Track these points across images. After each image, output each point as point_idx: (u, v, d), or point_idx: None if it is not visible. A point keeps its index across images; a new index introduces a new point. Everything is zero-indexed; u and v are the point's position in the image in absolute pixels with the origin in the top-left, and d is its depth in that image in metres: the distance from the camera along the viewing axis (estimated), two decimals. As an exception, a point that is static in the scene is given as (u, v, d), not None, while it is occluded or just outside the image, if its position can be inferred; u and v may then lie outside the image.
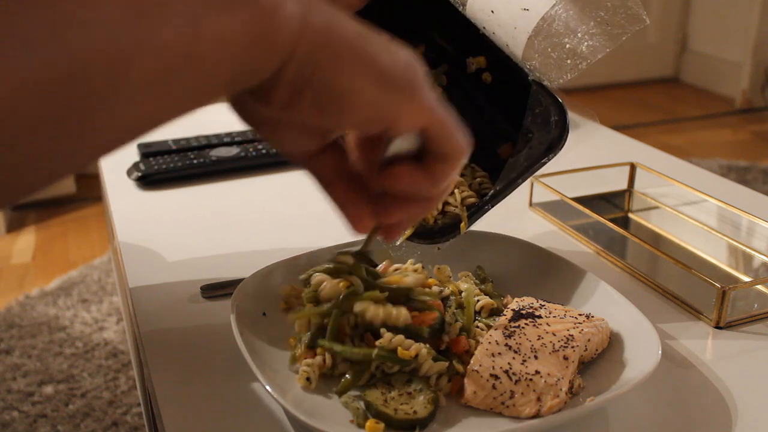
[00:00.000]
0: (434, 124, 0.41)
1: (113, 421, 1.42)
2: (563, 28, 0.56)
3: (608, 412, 0.53)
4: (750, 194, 0.93)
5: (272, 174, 0.99)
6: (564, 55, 0.57)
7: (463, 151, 0.43)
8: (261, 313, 0.61)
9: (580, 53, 0.56)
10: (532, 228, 0.83)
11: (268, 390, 0.50)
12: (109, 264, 1.96)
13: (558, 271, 0.66)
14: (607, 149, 1.07)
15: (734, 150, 2.87)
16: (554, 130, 0.61)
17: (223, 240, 0.81)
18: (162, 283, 0.71)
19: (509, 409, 0.51)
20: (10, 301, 1.83)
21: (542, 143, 0.61)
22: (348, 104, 0.38)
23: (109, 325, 1.72)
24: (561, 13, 0.55)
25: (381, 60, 0.38)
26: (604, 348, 0.57)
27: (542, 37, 0.56)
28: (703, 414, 0.54)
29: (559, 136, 0.60)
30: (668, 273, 0.73)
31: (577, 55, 0.57)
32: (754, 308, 0.68)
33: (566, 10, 0.55)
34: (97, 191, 1.20)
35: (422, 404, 0.50)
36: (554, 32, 0.56)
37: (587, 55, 0.57)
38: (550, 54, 0.57)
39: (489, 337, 0.54)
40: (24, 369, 1.57)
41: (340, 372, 0.54)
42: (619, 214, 0.89)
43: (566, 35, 0.56)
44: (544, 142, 0.61)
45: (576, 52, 0.56)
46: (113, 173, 0.99)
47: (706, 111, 3.33)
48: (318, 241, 0.68)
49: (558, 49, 0.57)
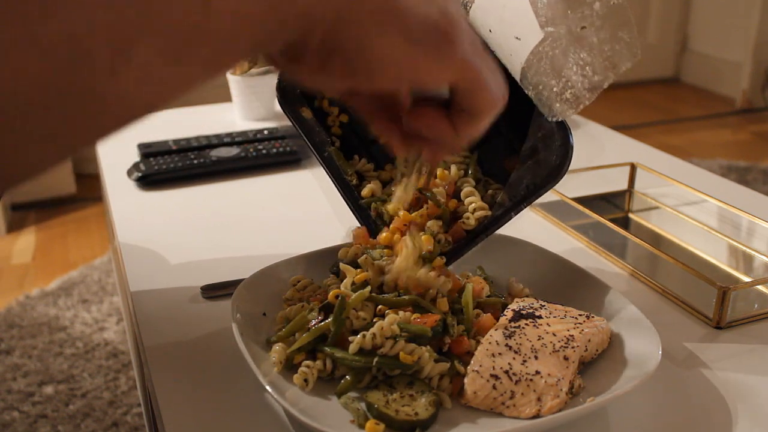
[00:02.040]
0: (464, 79, 0.40)
1: (113, 422, 1.42)
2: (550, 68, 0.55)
3: (608, 412, 0.53)
4: (750, 194, 0.93)
5: (272, 174, 0.99)
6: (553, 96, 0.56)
7: (493, 107, 0.42)
8: (261, 313, 0.61)
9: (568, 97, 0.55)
10: (532, 228, 0.83)
11: (268, 390, 0.50)
12: (109, 264, 1.96)
13: (558, 272, 0.66)
14: (607, 149, 1.07)
15: (734, 150, 2.87)
16: (556, 158, 0.59)
17: (223, 240, 0.81)
18: (162, 283, 0.71)
19: (509, 409, 0.51)
20: (10, 301, 1.83)
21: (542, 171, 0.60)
22: (377, 66, 0.37)
23: (109, 325, 1.72)
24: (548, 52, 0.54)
25: (410, 16, 0.36)
26: (605, 348, 0.57)
27: (533, 72, 0.56)
28: (703, 414, 0.54)
29: (560, 165, 0.59)
30: (668, 273, 0.73)
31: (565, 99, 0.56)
32: (754, 308, 0.68)
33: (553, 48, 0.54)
34: (98, 191, 1.20)
35: (424, 406, 0.50)
36: (542, 71, 0.55)
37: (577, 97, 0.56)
38: (542, 92, 0.56)
39: (489, 338, 0.54)
40: (24, 369, 1.57)
41: (341, 374, 0.54)
42: (619, 214, 0.89)
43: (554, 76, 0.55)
44: (544, 170, 0.60)
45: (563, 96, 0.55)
46: (113, 173, 0.99)
47: (706, 111, 3.33)
48: (318, 241, 0.68)
49: (548, 89, 0.56)
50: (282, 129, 1.11)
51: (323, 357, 0.55)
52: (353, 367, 0.53)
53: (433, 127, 0.43)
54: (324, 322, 0.55)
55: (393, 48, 0.36)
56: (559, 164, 0.59)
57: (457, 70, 0.39)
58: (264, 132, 1.10)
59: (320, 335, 0.55)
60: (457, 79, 0.40)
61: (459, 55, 0.38)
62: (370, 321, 0.55)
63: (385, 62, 0.37)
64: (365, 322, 0.55)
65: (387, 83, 0.39)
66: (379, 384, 0.53)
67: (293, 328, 0.56)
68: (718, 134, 3.06)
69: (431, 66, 0.38)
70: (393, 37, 0.36)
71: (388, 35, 0.36)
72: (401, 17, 0.36)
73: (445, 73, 0.39)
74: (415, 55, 0.37)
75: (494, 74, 0.41)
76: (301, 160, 1.02)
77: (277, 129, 1.12)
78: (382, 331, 0.53)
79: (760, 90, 3.33)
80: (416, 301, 0.56)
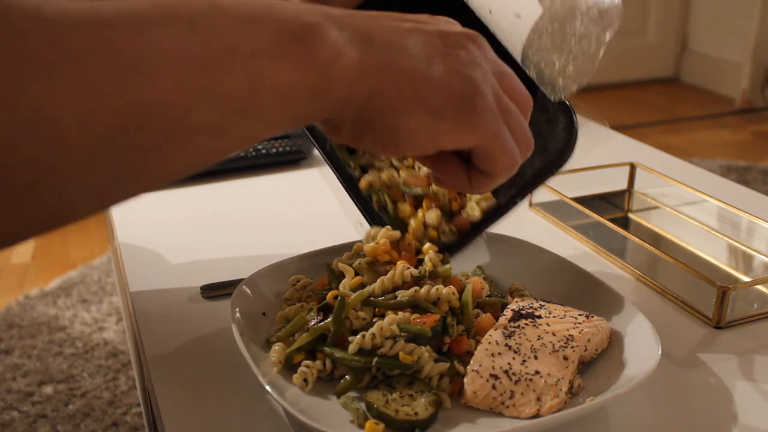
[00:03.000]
0: (482, 145, 0.42)
1: (113, 421, 1.42)
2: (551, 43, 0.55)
3: (608, 412, 0.53)
4: (750, 194, 0.93)
5: (272, 174, 0.99)
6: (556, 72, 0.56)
7: (508, 171, 0.45)
8: (261, 313, 0.61)
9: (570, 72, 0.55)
10: (532, 228, 0.83)
11: (268, 390, 0.50)
12: (108, 264, 1.96)
13: (558, 272, 0.66)
14: (607, 149, 1.07)
15: (734, 150, 2.87)
16: (560, 143, 0.59)
17: (223, 240, 0.81)
18: (162, 283, 0.71)
19: (509, 409, 0.51)
20: (10, 301, 1.83)
21: (546, 157, 0.59)
22: (405, 140, 0.40)
23: (109, 325, 1.72)
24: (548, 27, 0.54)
25: (434, 91, 0.39)
26: (604, 348, 0.57)
27: (534, 50, 0.56)
28: (703, 414, 0.54)
29: (563, 151, 0.58)
30: (668, 273, 0.73)
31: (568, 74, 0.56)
32: (754, 308, 0.68)
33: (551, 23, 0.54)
34: (97, 191, 1.20)
35: (423, 406, 0.50)
36: (543, 47, 0.55)
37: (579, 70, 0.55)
38: (544, 69, 0.56)
39: (489, 337, 0.54)
40: (24, 369, 1.57)
41: (340, 374, 0.54)
42: (619, 214, 0.89)
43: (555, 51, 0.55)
44: (549, 155, 0.59)
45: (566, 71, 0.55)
46: (113, 173, 0.98)
47: (706, 111, 3.33)
48: (318, 241, 0.68)
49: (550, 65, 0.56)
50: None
51: (323, 357, 0.55)
52: (353, 367, 0.53)
53: (450, 177, 0.46)
54: (323, 322, 0.55)
55: (419, 125, 0.39)
56: (563, 148, 0.59)
57: (477, 138, 0.41)
58: (264, 132, 1.10)
59: (320, 335, 0.55)
60: (477, 146, 0.42)
61: (480, 127, 0.41)
62: (370, 321, 0.55)
63: (412, 137, 0.40)
64: (365, 322, 0.55)
65: (414, 153, 0.42)
66: (378, 384, 0.53)
67: (292, 328, 0.56)
68: (717, 134, 3.06)
69: (455, 137, 0.41)
70: (419, 116, 0.39)
71: (414, 114, 0.39)
72: (426, 95, 0.39)
73: (468, 141, 0.41)
74: (440, 129, 0.40)
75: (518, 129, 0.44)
76: (302, 160, 1.02)
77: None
78: (382, 331, 0.53)
79: (759, 90, 3.33)
80: (415, 302, 0.56)
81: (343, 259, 0.62)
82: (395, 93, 0.38)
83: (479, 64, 0.41)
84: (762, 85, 3.32)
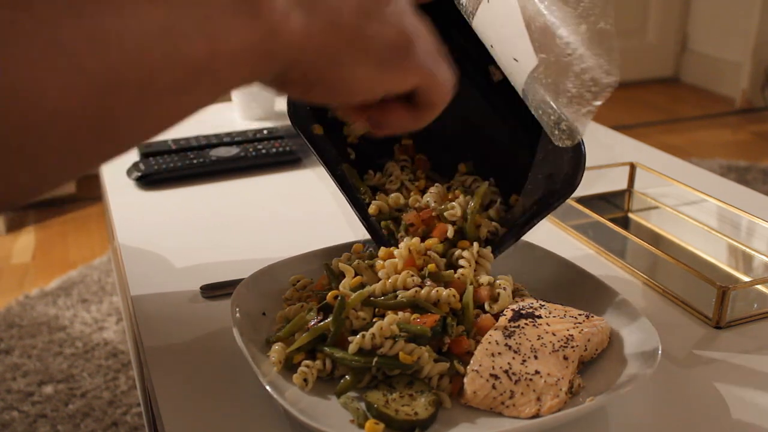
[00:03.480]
0: (423, 84, 0.46)
1: (113, 421, 1.42)
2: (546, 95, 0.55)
3: (608, 411, 0.53)
4: (750, 194, 0.93)
5: (272, 174, 0.99)
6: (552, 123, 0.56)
7: (446, 99, 0.49)
8: (261, 313, 0.61)
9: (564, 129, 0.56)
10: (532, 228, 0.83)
11: (268, 390, 0.50)
12: (108, 264, 1.96)
13: (558, 272, 0.66)
14: (607, 149, 1.07)
15: (734, 150, 2.87)
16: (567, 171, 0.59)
17: (223, 240, 0.81)
18: (162, 283, 0.71)
19: (509, 409, 0.51)
20: (10, 301, 1.83)
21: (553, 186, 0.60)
22: (354, 89, 0.44)
23: (109, 325, 1.72)
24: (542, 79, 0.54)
25: (376, 42, 0.43)
26: (604, 348, 0.57)
27: (532, 95, 0.56)
28: (702, 414, 0.54)
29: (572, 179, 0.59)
30: (668, 273, 0.73)
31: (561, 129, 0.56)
32: (754, 308, 0.68)
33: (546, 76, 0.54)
34: (97, 191, 1.20)
35: (423, 406, 0.50)
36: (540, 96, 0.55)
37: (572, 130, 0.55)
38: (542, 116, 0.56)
39: (489, 337, 0.54)
40: (24, 369, 1.57)
41: (340, 374, 0.54)
42: (619, 214, 0.89)
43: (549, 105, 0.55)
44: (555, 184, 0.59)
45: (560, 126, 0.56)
46: (113, 173, 0.99)
47: (706, 111, 3.33)
48: (317, 241, 0.68)
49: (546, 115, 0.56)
50: (281, 129, 1.11)
51: (323, 357, 0.55)
52: (353, 367, 0.53)
53: (397, 120, 0.50)
54: (323, 322, 0.55)
55: (366, 74, 0.43)
56: (571, 175, 0.59)
57: (417, 77, 0.46)
58: (264, 132, 1.10)
59: (320, 335, 0.55)
60: (417, 85, 0.47)
61: (417, 66, 0.46)
62: (370, 321, 0.55)
63: (360, 85, 0.44)
64: (365, 322, 0.55)
65: (360, 99, 0.46)
66: (378, 384, 0.53)
67: (292, 328, 0.56)
68: (717, 134, 3.06)
69: (397, 79, 0.45)
70: (365, 66, 0.43)
71: (361, 65, 0.43)
72: (369, 46, 0.43)
73: (409, 82, 0.46)
74: (383, 75, 0.44)
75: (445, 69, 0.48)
76: (301, 160, 1.02)
77: (277, 129, 1.12)
78: (382, 331, 0.53)
79: (759, 90, 3.33)
80: (414, 303, 0.56)
81: (342, 259, 0.62)
82: (340, 47, 0.42)
83: (405, 14, 0.45)
84: (762, 85, 3.32)
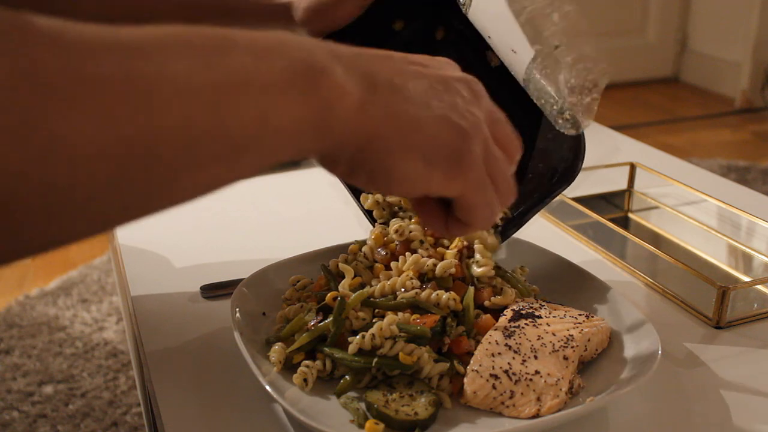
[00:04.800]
0: (464, 197, 0.44)
1: (113, 421, 1.42)
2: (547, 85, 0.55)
3: (608, 411, 0.53)
4: (750, 194, 0.93)
5: (272, 174, 0.99)
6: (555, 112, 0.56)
7: (484, 225, 0.46)
8: (261, 312, 0.61)
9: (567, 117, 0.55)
10: (532, 228, 0.82)
11: (268, 390, 0.50)
12: (108, 264, 1.96)
13: (558, 271, 0.66)
14: (607, 149, 1.07)
15: (734, 150, 2.87)
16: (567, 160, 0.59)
17: (223, 240, 0.81)
18: (162, 282, 0.71)
19: (509, 409, 0.51)
20: (10, 301, 1.83)
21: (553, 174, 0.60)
22: (396, 182, 0.41)
23: (109, 325, 1.72)
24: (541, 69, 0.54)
25: (431, 140, 0.41)
26: (604, 348, 0.57)
27: (533, 86, 0.56)
28: (703, 414, 0.54)
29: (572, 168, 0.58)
30: (668, 273, 0.73)
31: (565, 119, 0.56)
32: (754, 308, 0.68)
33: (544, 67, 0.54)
34: (97, 191, 1.20)
35: (423, 406, 0.50)
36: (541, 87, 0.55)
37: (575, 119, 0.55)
38: (544, 106, 0.56)
39: (489, 337, 0.54)
40: (24, 369, 1.57)
41: (340, 374, 0.54)
42: (619, 214, 0.89)
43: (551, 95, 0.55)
44: (555, 173, 0.59)
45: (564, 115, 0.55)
46: (113, 173, 0.98)
47: (706, 111, 3.32)
48: (318, 241, 0.68)
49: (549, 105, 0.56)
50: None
51: (323, 357, 0.55)
52: (353, 367, 0.53)
53: (429, 220, 0.47)
54: (323, 322, 0.55)
55: (412, 169, 0.41)
56: (570, 165, 0.59)
57: (462, 189, 0.43)
58: (264, 132, 1.10)
59: (319, 335, 0.55)
60: (461, 194, 0.44)
61: (465, 179, 0.43)
62: (370, 321, 0.55)
63: (403, 180, 0.41)
64: (364, 323, 0.55)
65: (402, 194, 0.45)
66: (378, 384, 0.53)
67: (291, 329, 0.56)
68: (717, 134, 3.06)
69: (442, 184, 0.42)
70: (413, 161, 0.41)
71: (409, 159, 0.41)
72: (421, 142, 0.40)
73: (453, 190, 0.43)
74: (430, 175, 0.41)
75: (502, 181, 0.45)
76: (302, 160, 1.02)
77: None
78: (381, 331, 0.53)
79: (759, 90, 3.33)
80: (414, 303, 0.56)
81: (339, 260, 0.62)
82: (393, 137, 0.40)
83: (473, 113, 0.43)
84: (762, 85, 3.32)
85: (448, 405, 0.52)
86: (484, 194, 0.44)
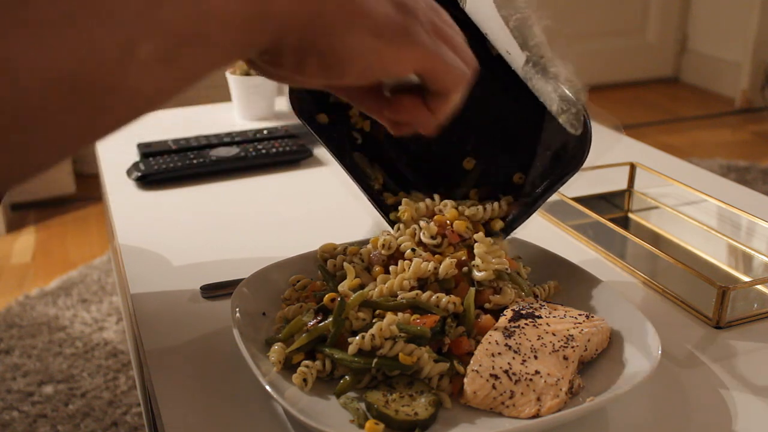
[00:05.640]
0: (427, 65, 0.43)
1: (113, 421, 1.42)
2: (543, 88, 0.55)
3: (608, 412, 0.53)
4: (750, 194, 0.93)
5: (272, 174, 0.99)
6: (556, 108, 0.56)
7: (459, 84, 0.46)
8: (261, 312, 0.61)
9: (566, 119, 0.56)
10: (532, 228, 0.83)
11: (268, 390, 0.50)
12: (108, 264, 1.96)
13: (558, 272, 0.66)
14: (606, 149, 1.07)
15: (734, 150, 2.87)
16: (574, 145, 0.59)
17: (223, 240, 0.81)
18: (162, 282, 0.71)
19: (509, 409, 0.51)
20: (10, 301, 1.83)
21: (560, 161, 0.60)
22: (347, 61, 0.41)
23: (109, 325, 1.72)
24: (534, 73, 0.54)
25: (374, 13, 0.41)
26: (604, 348, 0.57)
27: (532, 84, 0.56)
28: (703, 414, 0.54)
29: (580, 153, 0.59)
30: (668, 273, 0.73)
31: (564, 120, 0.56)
32: (754, 308, 0.68)
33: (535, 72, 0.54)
34: (97, 191, 1.20)
35: (423, 406, 0.50)
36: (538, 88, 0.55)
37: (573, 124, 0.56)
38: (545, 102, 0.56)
39: (489, 337, 0.54)
40: (24, 369, 1.57)
41: (340, 374, 0.54)
42: (619, 214, 0.89)
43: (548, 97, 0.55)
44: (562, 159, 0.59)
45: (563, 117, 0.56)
46: (113, 173, 0.99)
47: (706, 111, 3.32)
48: (318, 241, 0.68)
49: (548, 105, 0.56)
50: (289, 126, 1.11)
51: (322, 357, 0.55)
52: (352, 367, 0.53)
53: (411, 113, 0.47)
54: (323, 322, 0.55)
55: (360, 43, 0.40)
56: (579, 149, 0.59)
57: (419, 58, 0.43)
58: (264, 132, 1.10)
59: (319, 335, 0.55)
60: (420, 66, 0.43)
61: (418, 45, 0.42)
62: (370, 322, 0.55)
63: (354, 57, 0.41)
64: (364, 323, 0.55)
65: (357, 77, 0.43)
66: (378, 384, 0.53)
67: (290, 330, 0.56)
68: (717, 134, 3.06)
69: (394, 56, 0.42)
70: (359, 34, 0.40)
71: (355, 33, 0.40)
72: (365, 15, 0.40)
73: (408, 62, 0.43)
74: (379, 48, 0.41)
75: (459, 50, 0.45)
76: (302, 160, 1.02)
77: (277, 129, 1.12)
78: (381, 332, 0.53)
79: (759, 90, 3.33)
80: (413, 304, 0.56)
81: (337, 261, 0.62)
82: (335, 13, 0.39)
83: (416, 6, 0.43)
84: (762, 85, 3.32)
85: (448, 405, 0.52)
86: (444, 58, 0.44)
